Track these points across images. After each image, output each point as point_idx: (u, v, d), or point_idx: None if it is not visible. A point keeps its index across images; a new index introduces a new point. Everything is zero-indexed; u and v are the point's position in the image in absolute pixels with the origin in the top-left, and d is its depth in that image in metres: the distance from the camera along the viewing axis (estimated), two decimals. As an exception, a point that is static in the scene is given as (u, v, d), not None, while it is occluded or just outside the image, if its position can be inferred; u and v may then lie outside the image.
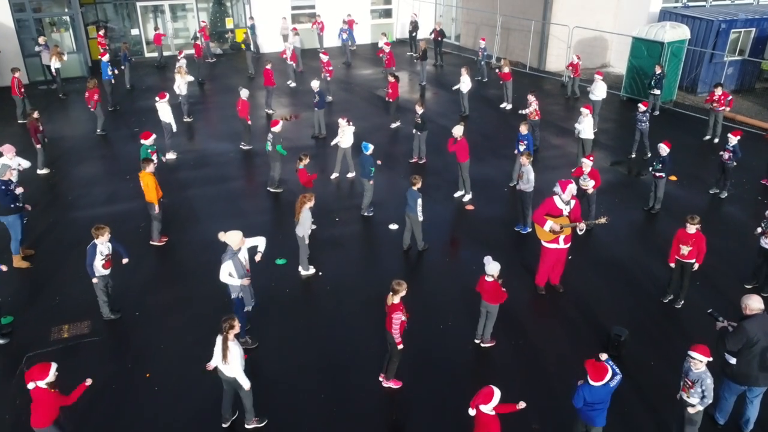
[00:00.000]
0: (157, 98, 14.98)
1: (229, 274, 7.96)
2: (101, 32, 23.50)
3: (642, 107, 14.68)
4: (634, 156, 15.28)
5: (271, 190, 13.28)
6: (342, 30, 24.81)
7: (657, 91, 17.68)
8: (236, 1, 27.24)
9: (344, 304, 9.57)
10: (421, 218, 10.55)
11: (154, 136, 12.34)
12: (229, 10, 27.51)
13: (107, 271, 8.81)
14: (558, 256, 9.53)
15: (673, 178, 13.71)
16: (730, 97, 16.11)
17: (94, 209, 12.53)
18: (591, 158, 11.48)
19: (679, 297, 9.51)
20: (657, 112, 18.30)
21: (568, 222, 9.21)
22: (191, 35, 26.36)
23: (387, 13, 29.58)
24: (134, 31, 25.93)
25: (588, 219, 10.99)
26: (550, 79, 22.61)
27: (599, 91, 16.81)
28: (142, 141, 12.29)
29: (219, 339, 6.76)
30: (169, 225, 11.63)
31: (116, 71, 18.84)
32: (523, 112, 15.57)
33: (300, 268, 10.28)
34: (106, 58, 18.56)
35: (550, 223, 9.13)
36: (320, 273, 10.32)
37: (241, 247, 8.07)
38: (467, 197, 12.98)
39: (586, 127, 13.92)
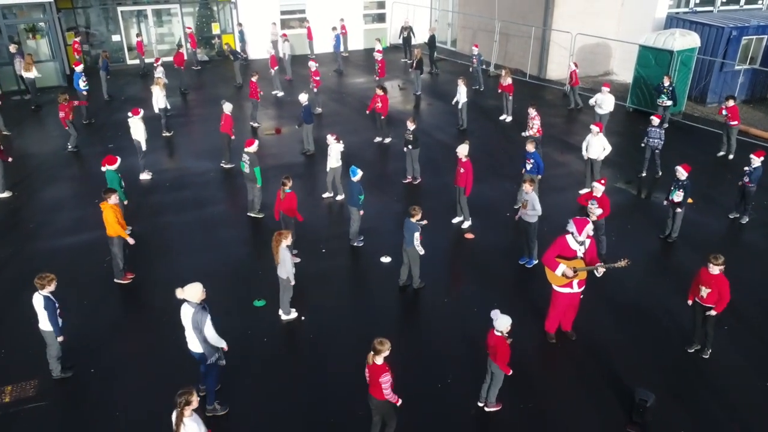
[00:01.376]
0: (130, 114, 13.85)
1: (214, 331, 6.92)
2: (78, 39, 22.30)
3: (655, 120, 13.62)
4: (644, 175, 14.22)
5: (252, 215, 12.16)
6: (337, 36, 23.65)
7: (669, 102, 16.63)
8: (222, 5, 26.09)
9: (330, 355, 8.46)
10: (421, 252, 9.46)
11: (119, 161, 11.14)
12: (216, 15, 26.35)
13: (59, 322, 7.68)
14: (571, 301, 8.46)
15: (689, 200, 12.68)
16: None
17: (57, 239, 11.38)
18: (603, 182, 10.39)
19: (706, 346, 8.45)
20: (666, 125, 17.25)
21: (583, 265, 8.14)
22: (176, 41, 25.25)
23: (381, 18, 28.49)
24: (115, 37, 24.73)
25: (599, 250, 9.99)
26: (552, 89, 21.54)
27: (607, 104, 15.73)
28: (107, 167, 11.07)
29: (174, 415, 5.66)
30: (137, 259, 10.50)
31: (86, 91, 17.52)
32: (527, 134, 14.39)
33: (281, 312, 9.16)
34: (79, 68, 17.33)
35: (562, 267, 8.05)
36: (303, 318, 9.20)
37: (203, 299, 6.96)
38: (466, 224, 11.89)
39: (596, 146, 12.82)
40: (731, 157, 15.24)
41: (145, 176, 13.96)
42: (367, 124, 17.70)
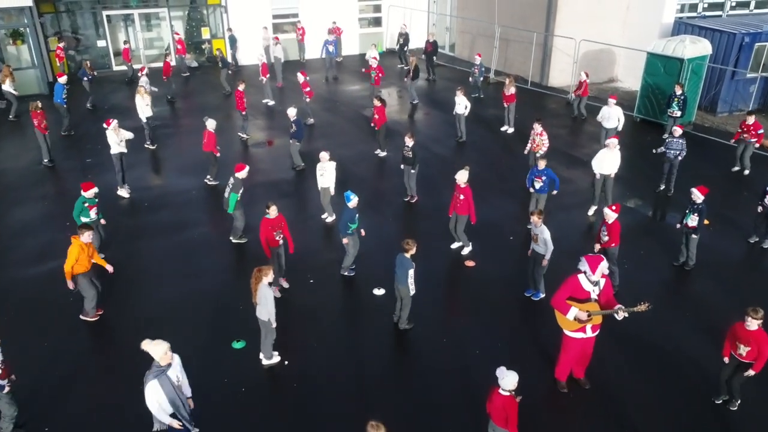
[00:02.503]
0: (104, 125, 12.95)
1: (158, 402, 5.93)
2: (61, 44, 21.40)
3: (677, 131, 12.71)
4: (662, 188, 13.32)
5: (234, 240, 11.26)
6: (327, 42, 22.64)
7: (678, 113, 15.77)
8: (213, 9, 25.18)
9: (316, 407, 7.57)
10: (412, 292, 8.58)
11: (95, 189, 10.21)
12: (206, 19, 25.44)
13: (4, 382, 6.78)
14: (584, 346, 7.58)
15: (705, 222, 11.81)
16: (761, 130, 14.14)
17: (21, 269, 10.47)
18: (617, 209, 9.50)
19: (734, 397, 7.58)
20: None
21: (597, 308, 7.26)
22: (165, 46, 24.35)
23: (377, 22, 27.60)
24: (101, 43, 23.80)
25: (612, 282, 9.14)
26: (554, 97, 20.65)
27: (612, 119, 14.77)
28: (82, 192, 10.16)
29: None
30: (108, 291, 9.59)
31: (65, 104, 16.57)
32: (538, 152, 13.46)
33: (262, 356, 8.26)
34: (63, 79, 16.32)
35: (574, 311, 7.17)
36: (286, 362, 8.31)
37: (171, 362, 6.04)
38: (466, 250, 11.00)
39: (611, 162, 11.93)
40: (746, 172, 14.37)
41: (122, 193, 13.05)
42: (362, 135, 16.82)
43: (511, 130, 17.13)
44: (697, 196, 10.10)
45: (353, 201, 9.67)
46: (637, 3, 21.05)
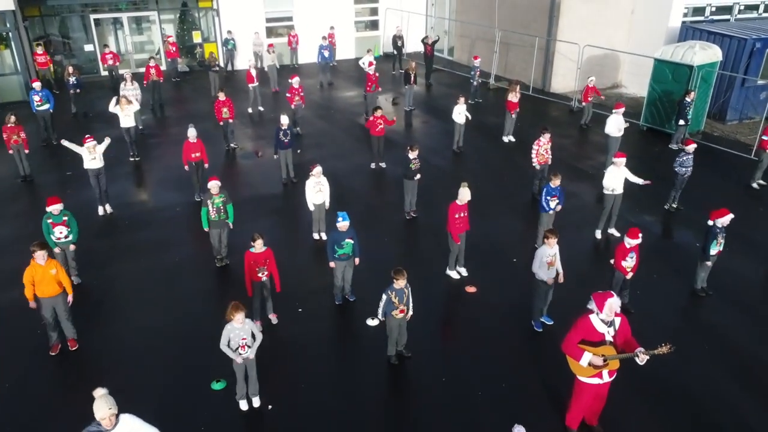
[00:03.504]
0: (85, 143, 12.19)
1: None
2: (38, 49, 20.54)
3: (690, 147, 11.97)
4: (675, 206, 12.59)
5: (218, 264, 10.51)
6: (322, 47, 21.87)
7: (682, 121, 15.15)
8: (204, 12, 24.43)
9: (301, 460, 6.84)
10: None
11: (60, 205, 9.44)
12: (198, 23, 24.69)
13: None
14: (598, 392, 6.85)
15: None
16: None
17: (-12, 295, 9.73)
18: (637, 236, 8.75)
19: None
20: (681, 145, 15.68)
21: (614, 351, 6.52)
22: (155, 50, 23.60)
23: (374, 25, 26.87)
24: (88, 47, 23.05)
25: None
26: (557, 104, 19.95)
27: (612, 127, 14.02)
28: (46, 208, 9.40)
29: None
30: (81, 320, 8.82)
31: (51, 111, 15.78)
32: (544, 164, 12.70)
33: (237, 397, 7.51)
34: (37, 85, 15.59)
35: (588, 356, 6.44)
36: (270, 406, 7.56)
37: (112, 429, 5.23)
38: (462, 270, 10.27)
39: (621, 179, 11.18)
40: (757, 185, 13.68)
41: (102, 211, 12.29)
42: (357, 146, 16.08)
43: (512, 140, 16.40)
44: (723, 220, 9.34)
45: (343, 223, 8.90)
46: (643, 7, 20.36)
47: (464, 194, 9.54)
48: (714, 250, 9.48)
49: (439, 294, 9.84)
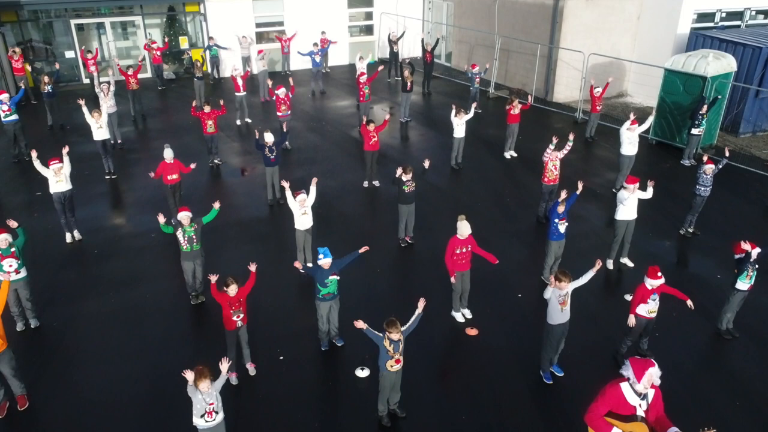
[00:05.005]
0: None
1: None
2: (11, 54, 19.46)
3: (709, 169, 11.04)
4: (692, 230, 11.64)
5: (193, 302, 9.52)
6: (312, 52, 20.79)
7: (695, 131, 14.30)
8: (191, 17, 23.42)
9: None
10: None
11: (6, 235, 8.37)
12: (185, 28, 23.66)
13: None
14: (623, 469, 5.89)
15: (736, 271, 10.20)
16: None
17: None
18: (658, 275, 7.79)
19: None
20: (693, 161, 14.82)
21: (645, 429, 5.56)
22: (141, 56, 22.57)
23: (368, 29, 25.89)
24: (69, 54, 22.02)
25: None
26: (561, 114, 18.99)
27: (626, 144, 13.04)
28: (-4, 233, 8.36)
29: None
30: (38, 369, 7.84)
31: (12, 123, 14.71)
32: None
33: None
34: (4, 96, 14.54)
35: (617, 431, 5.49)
36: (243, 482, 6.60)
37: None
38: (466, 312, 9.30)
39: (635, 205, 10.23)
40: (780, 207, 12.78)
41: (70, 238, 11.29)
42: (349, 162, 15.10)
43: (514, 155, 15.45)
44: (757, 254, 8.41)
45: (325, 260, 7.91)
46: (649, 12, 19.43)
47: (463, 229, 8.55)
48: (745, 285, 8.55)
49: (439, 337, 8.87)
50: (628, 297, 9.57)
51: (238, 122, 17.72)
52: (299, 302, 9.60)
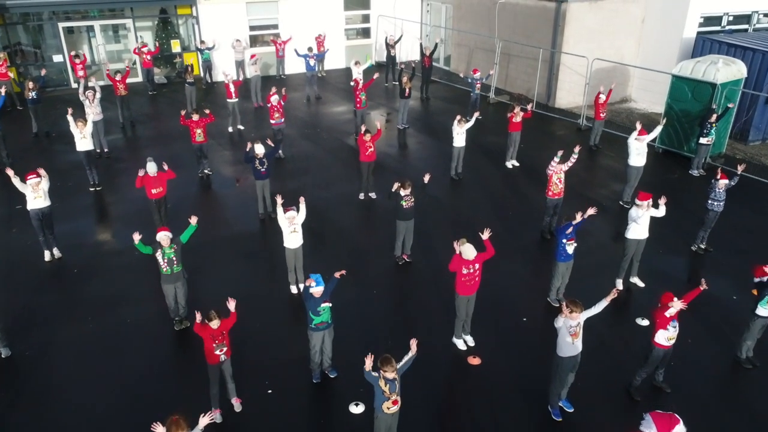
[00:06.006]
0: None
1: None
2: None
3: (722, 183, 10.49)
4: (703, 247, 11.09)
5: (177, 327, 8.93)
6: (307, 56, 20.17)
7: (704, 140, 13.78)
8: (183, 20, 22.81)
9: None
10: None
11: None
12: (177, 30, 23.05)
13: None
14: None
15: (754, 292, 9.60)
16: None
17: None
18: (674, 299, 7.26)
19: None
20: (702, 171, 14.27)
21: (669, 490, 5.00)
22: (132, 60, 21.95)
23: (365, 32, 25.31)
24: (57, 57, 21.40)
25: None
26: (563, 121, 18.42)
27: (633, 154, 12.49)
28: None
29: None
30: (3, 403, 7.24)
31: None
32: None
33: None
34: (-15, 101, 13.96)
35: (637, 499, 4.91)
36: None
37: None
38: (468, 339, 8.72)
39: (647, 223, 9.66)
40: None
41: (50, 256, 10.70)
42: (345, 172, 14.51)
43: (516, 164, 14.88)
44: None
45: (316, 288, 7.33)
46: (654, 16, 18.88)
47: (468, 252, 7.96)
48: (766, 311, 8.01)
49: (439, 366, 8.28)
50: (641, 321, 9.02)
51: (230, 129, 17.14)
52: (290, 327, 9.01)
